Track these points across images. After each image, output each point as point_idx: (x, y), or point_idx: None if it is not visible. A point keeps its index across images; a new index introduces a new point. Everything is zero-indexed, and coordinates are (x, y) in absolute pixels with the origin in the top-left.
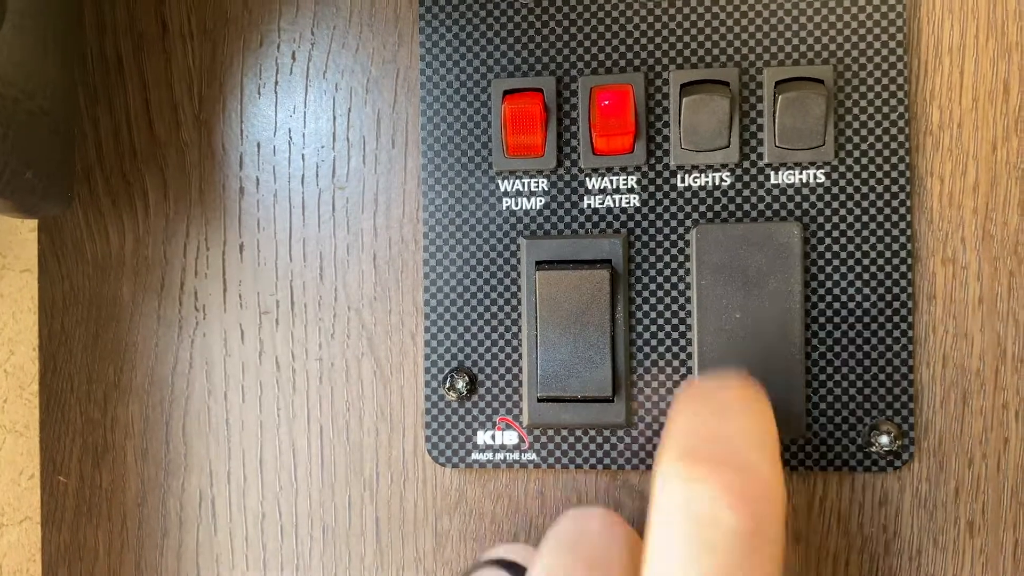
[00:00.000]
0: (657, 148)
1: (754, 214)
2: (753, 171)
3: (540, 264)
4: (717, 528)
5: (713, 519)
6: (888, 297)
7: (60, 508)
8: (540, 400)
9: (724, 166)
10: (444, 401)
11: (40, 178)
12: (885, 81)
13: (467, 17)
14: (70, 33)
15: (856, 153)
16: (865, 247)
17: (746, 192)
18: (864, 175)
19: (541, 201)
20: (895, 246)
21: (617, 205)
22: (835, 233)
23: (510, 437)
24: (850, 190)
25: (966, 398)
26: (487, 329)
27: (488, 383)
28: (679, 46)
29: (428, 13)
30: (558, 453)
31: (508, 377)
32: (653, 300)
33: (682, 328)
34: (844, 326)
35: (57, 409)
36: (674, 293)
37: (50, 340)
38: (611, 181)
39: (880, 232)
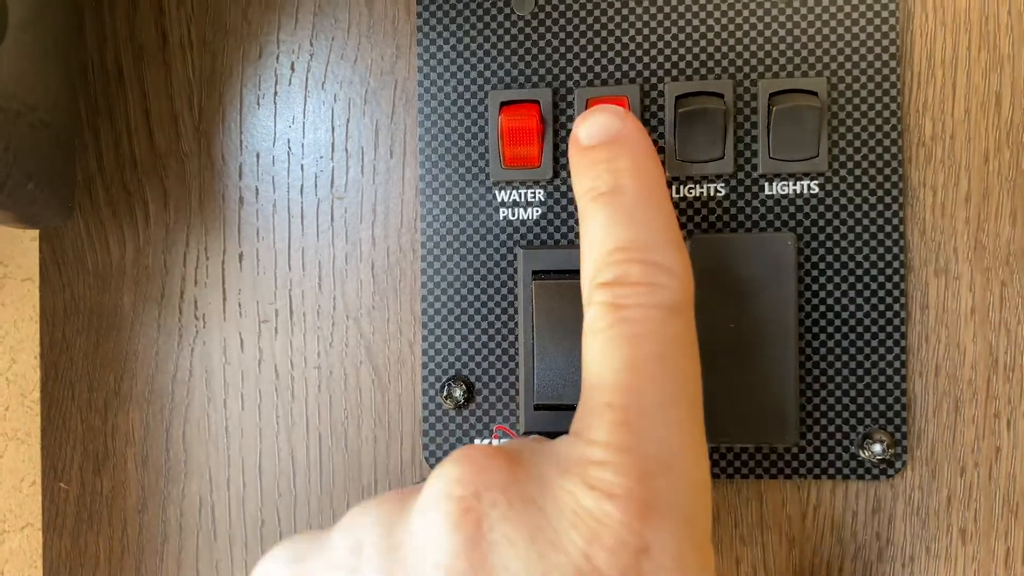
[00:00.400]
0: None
1: (748, 224)
2: (747, 182)
3: (537, 274)
4: (645, 310)
5: (640, 319)
6: (881, 307)
7: (61, 514)
8: (536, 408)
9: (719, 177)
10: (441, 409)
11: (41, 189)
12: (878, 93)
13: (464, 29)
14: (71, 45)
15: (850, 164)
16: (858, 257)
17: (740, 203)
18: (857, 186)
19: (538, 211)
20: (888, 256)
21: None
22: (829, 243)
23: None
24: (844, 201)
25: (958, 407)
26: (484, 338)
27: (485, 391)
28: (674, 58)
29: (426, 25)
30: None
31: (505, 386)
32: None
33: None
34: (837, 335)
35: (58, 416)
36: None
37: (51, 348)
38: None
39: (873, 242)
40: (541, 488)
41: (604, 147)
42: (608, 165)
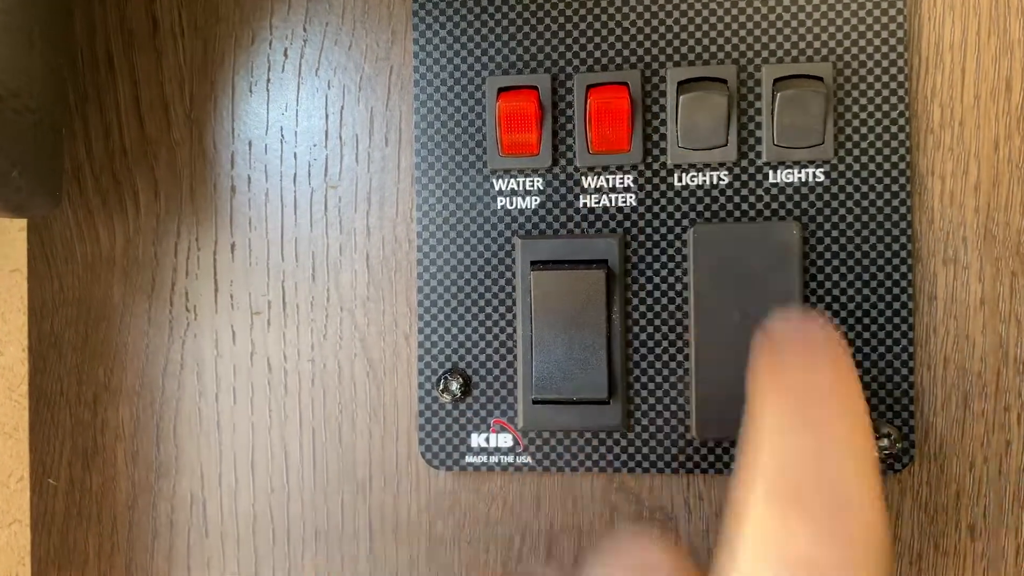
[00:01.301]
0: (654, 147)
1: (752, 213)
2: (751, 170)
3: (535, 264)
4: (816, 568)
5: (811, 561)
6: (888, 298)
7: (50, 511)
8: (535, 402)
9: (722, 165)
10: (438, 403)
11: (27, 177)
12: (885, 79)
13: (461, 14)
14: (58, 30)
15: (856, 151)
16: (865, 247)
17: (744, 191)
18: (864, 174)
19: (536, 200)
20: (895, 246)
21: (613, 204)
22: (834, 233)
23: (505, 440)
24: (850, 189)
25: (967, 401)
26: (481, 330)
27: (483, 385)
28: (676, 43)
29: (422, 9)
30: (553, 456)
31: (503, 379)
32: (650, 301)
33: (679, 329)
34: (844, 327)
35: (47, 411)
36: (671, 294)
37: (40, 341)
38: (607, 180)
39: (880, 232)
40: None
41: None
42: (803, 370)
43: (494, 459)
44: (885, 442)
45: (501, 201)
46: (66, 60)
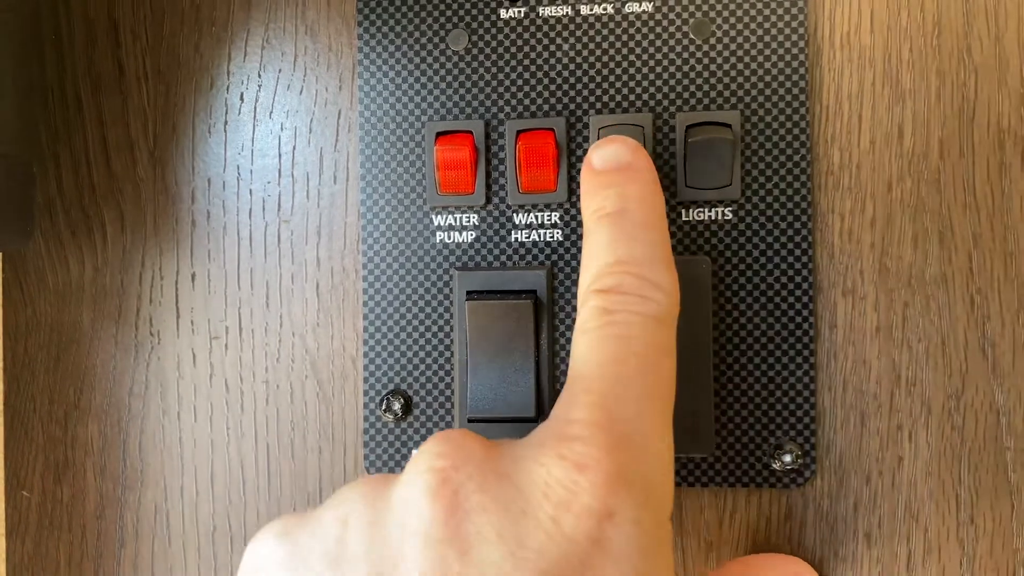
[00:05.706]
0: (578, 187)
1: None
2: (666, 209)
3: (470, 294)
4: (633, 315)
5: (628, 323)
6: (792, 326)
7: (23, 521)
8: (470, 420)
9: None
10: (381, 422)
11: (1, 217)
12: (789, 125)
13: (402, 63)
14: (30, 75)
15: (762, 192)
16: (770, 279)
17: None
18: (769, 212)
19: (472, 235)
20: (798, 278)
21: (542, 239)
22: (742, 267)
23: None
24: (756, 227)
25: (864, 420)
26: (422, 354)
27: (423, 405)
28: (598, 92)
29: (366, 59)
30: None
31: (441, 399)
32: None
33: None
34: (750, 352)
35: (20, 428)
36: None
37: (14, 363)
38: (536, 217)
39: (784, 265)
40: (515, 464)
41: (614, 173)
42: (617, 190)
43: None
44: (788, 458)
45: (440, 235)
46: (38, 103)
